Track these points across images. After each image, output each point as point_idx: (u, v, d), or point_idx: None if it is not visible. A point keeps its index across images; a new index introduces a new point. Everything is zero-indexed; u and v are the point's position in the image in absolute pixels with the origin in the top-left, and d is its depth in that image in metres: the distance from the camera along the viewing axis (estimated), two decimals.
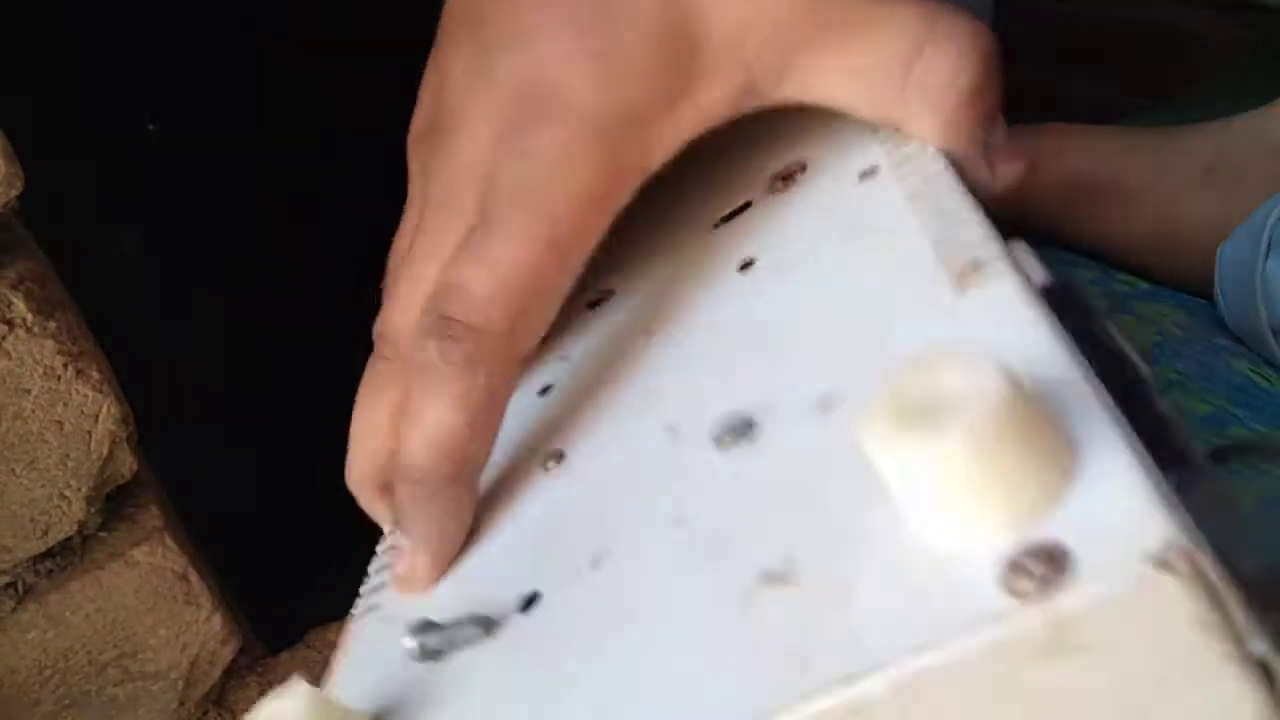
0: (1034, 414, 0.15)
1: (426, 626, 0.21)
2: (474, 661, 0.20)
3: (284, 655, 0.52)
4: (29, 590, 0.44)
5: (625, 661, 0.18)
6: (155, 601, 0.46)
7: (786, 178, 0.29)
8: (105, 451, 0.43)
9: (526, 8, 0.28)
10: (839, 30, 0.27)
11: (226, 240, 0.70)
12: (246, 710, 0.24)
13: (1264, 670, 0.14)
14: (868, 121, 0.27)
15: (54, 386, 0.41)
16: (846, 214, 0.26)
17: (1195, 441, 0.17)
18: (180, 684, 0.47)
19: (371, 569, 0.27)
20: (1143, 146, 0.50)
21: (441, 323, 0.25)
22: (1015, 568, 0.14)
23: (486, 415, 0.25)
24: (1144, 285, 0.58)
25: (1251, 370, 0.50)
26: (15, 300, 0.39)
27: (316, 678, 0.21)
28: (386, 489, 0.27)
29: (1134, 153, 0.30)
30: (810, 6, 0.27)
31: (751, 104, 0.28)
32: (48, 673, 0.45)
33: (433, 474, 0.24)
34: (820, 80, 0.27)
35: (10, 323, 0.39)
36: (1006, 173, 0.27)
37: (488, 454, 0.25)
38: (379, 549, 0.27)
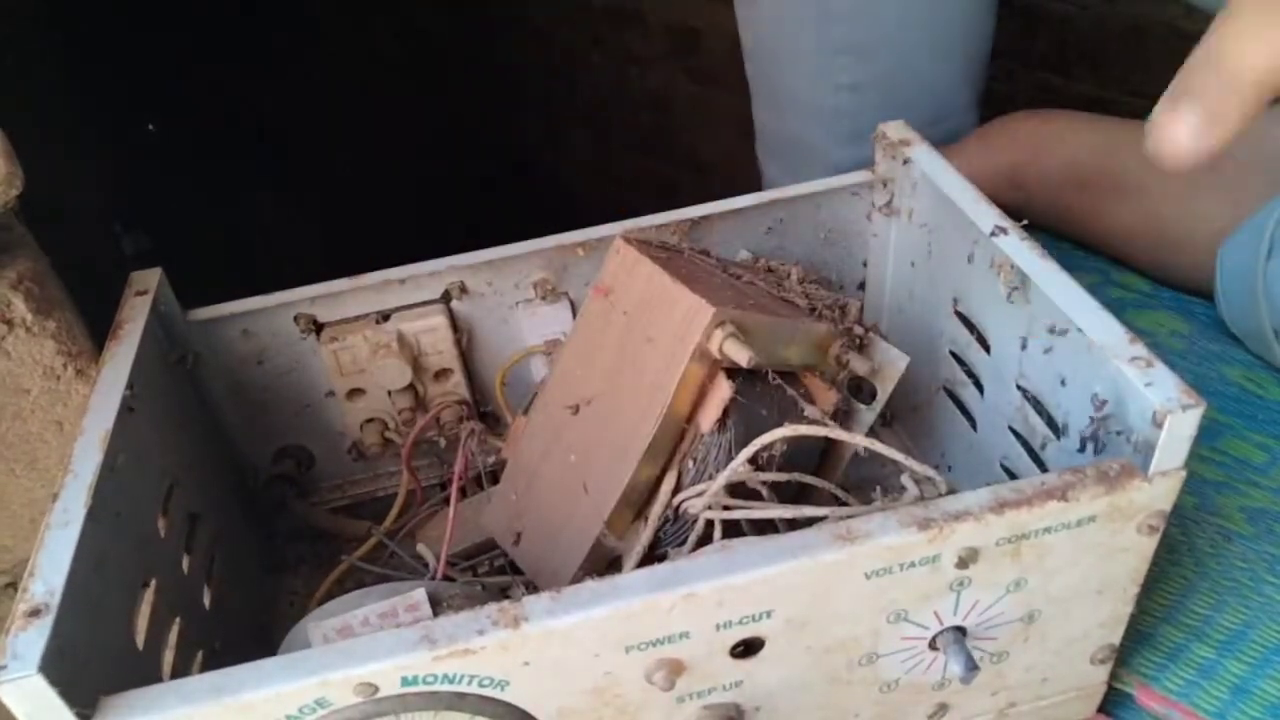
0: None
1: None
2: None
3: None
4: None
5: None
6: None
7: None
8: None
9: None
10: None
11: (227, 239, 0.70)
12: None
13: None
14: None
15: (54, 386, 0.41)
16: None
17: (1190, 454, 0.17)
18: None
19: None
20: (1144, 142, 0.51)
21: None
22: None
23: None
24: (1143, 287, 0.58)
25: (1245, 378, 0.51)
26: (15, 300, 0.39)
27: None
28: None
29: (1135, 148, 0.31)
30: None
31: None
32: None
33: None
34: None
35: (10, 322, 0.39)
36: None
37: None
38: None
